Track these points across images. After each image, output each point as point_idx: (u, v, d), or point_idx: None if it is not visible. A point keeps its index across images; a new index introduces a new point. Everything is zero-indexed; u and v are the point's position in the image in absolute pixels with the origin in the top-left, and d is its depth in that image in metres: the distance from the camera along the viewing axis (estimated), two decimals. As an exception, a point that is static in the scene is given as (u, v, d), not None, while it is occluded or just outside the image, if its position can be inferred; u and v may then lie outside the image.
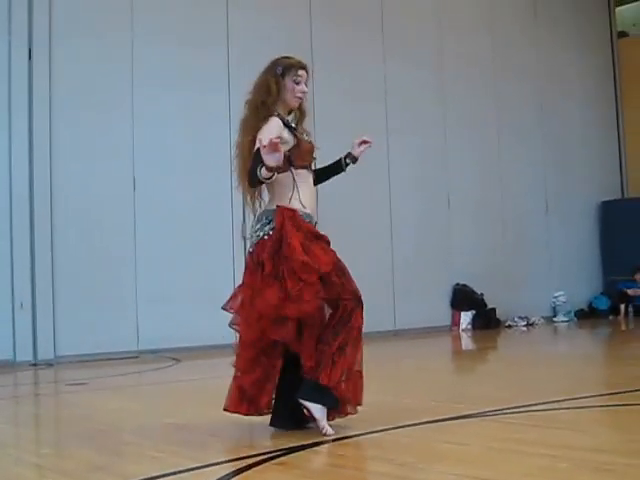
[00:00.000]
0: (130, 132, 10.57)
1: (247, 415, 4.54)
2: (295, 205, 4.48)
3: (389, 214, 12.74)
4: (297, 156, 4.52)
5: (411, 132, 13.00)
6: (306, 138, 4.65)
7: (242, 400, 4.50)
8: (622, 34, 16.61)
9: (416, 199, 13.09)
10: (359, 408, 4.51)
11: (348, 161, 4.89)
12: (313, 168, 4.74)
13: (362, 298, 4.49)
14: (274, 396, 4.54)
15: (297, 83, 4.62)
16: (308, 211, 4.52)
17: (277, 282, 4.32)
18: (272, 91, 4.57)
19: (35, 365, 9.64)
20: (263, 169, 4.19)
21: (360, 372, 4.47)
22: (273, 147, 4.11)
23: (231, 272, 10.53)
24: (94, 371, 8.88)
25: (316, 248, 4.40)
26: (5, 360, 9.53)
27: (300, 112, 4.74)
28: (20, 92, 9.95)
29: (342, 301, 4.41)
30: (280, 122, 4.51)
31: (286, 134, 4.50)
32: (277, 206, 4.48)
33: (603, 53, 16.27)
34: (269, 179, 4.27)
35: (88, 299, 10.08)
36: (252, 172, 4.29)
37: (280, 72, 4.61)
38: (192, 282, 10.68)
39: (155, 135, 10.66)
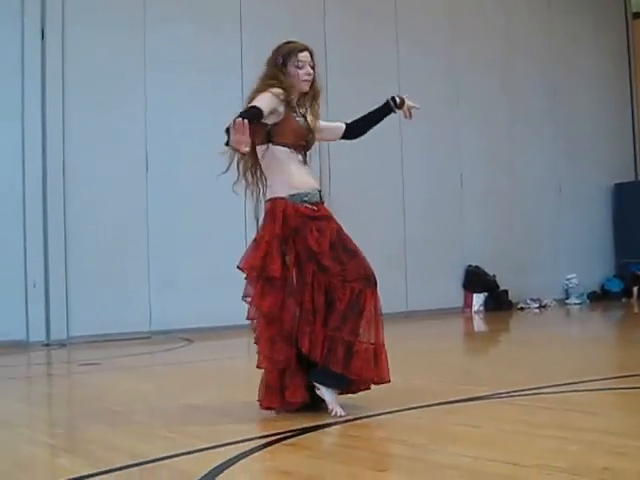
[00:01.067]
0: (142, 115, 10.58)
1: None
2: (283, 191, 4.48)
3: (402, 195, 12.72)
4: (279, 132, 4.48)
5: (423, 117, 12.85)
6: (299, 120, 4.57)
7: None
8: (637, 15, 16.45)
9: (428, 180, 13.06)
10: (382, 386, 4.48)
11: (397, 101, 4.88)
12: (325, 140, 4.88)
13: (373, 275, 4.43)
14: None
15: (300, 67, 4.58)
16: (297, 191, 4.49)
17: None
18: (282, 80, 4.54)
19: (48, 345, 9.69)
20: (228, 138, 4.17)
21: (376, 349, 4.36)
22: (239, 129, 4.03)
23: (243, 253, 10.54)
24: (107, 351, 8.92)
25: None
26: (18, 340, 9.58)
27: (314, 92, 4.68)
28: (33, 73, 9.95)
29: (348, 284, 4.35)
30: (272, 96, 4.43)
31: (281, 108, 4.47)
32: (265, 201, 4.58)
33: (617, 35, 16.13)
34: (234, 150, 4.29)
35: (101, 279, 10.12)
36: (227, 129, 4.20)
37: (281, 62, 4.58)
38: (204, 262, 10.69)
39: (167, 118, 10.66)
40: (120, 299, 10.20)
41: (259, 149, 4.55)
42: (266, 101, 4.38)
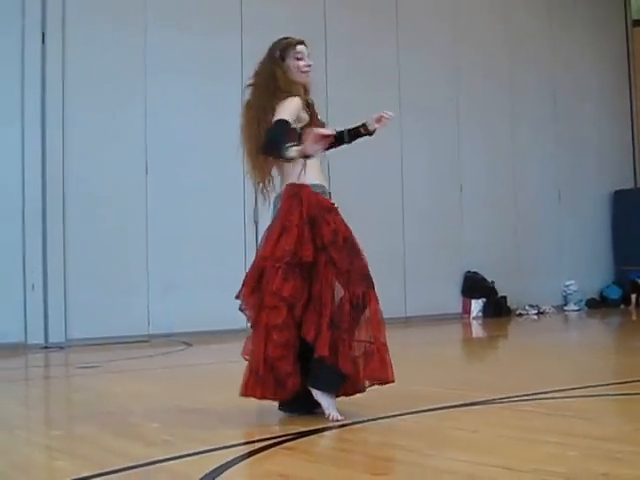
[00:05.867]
0: (143, 118, 10.58)
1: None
2: (305, 180, 4.48)
3: (401, 200, 12.72)
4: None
5: (424, 120, 12.97)
6: (321, 121, 4.64)
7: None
8: (637, 23, 16.49)
9: (428, 186, 13.07)
10: (380, 391, 4.50)
11: (363, 131, 4.77)
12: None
13: (370, 275, 4.43)
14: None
15: (299, 59, 4.60)
16: (318, 182, 4.51)
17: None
18: (279, 77, 4.55)
19: (46, 348, 9.68)
20: (293, 150, 4.25)
21: (379, 348, 4.36)
22: (319, 138, 4.21)
23: (242, 256, 10.55)
24: (105, 354, 8.91)
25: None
26: (16, 343, 9.57)
27: (304, 89, 4.67)
28: (33, 76, 9.95)
29: (351, 285, 4.33)
30: (300, 103, 4.50)
31: (303, 114, 4.51)
32: (286, 185, 4.51)
33: (618, 42, 16.15)
34: (289, 160, 4.34)
35: (100, 282, 10.11)
36: (275, 144, 4.30)
37: (279, 55, 4.61)
38: (204, 266, 10.69)
39: (168, 120, 10.65)
40: (119, 302, 10.19)
41: None
42: (293, 110, 4.43)
